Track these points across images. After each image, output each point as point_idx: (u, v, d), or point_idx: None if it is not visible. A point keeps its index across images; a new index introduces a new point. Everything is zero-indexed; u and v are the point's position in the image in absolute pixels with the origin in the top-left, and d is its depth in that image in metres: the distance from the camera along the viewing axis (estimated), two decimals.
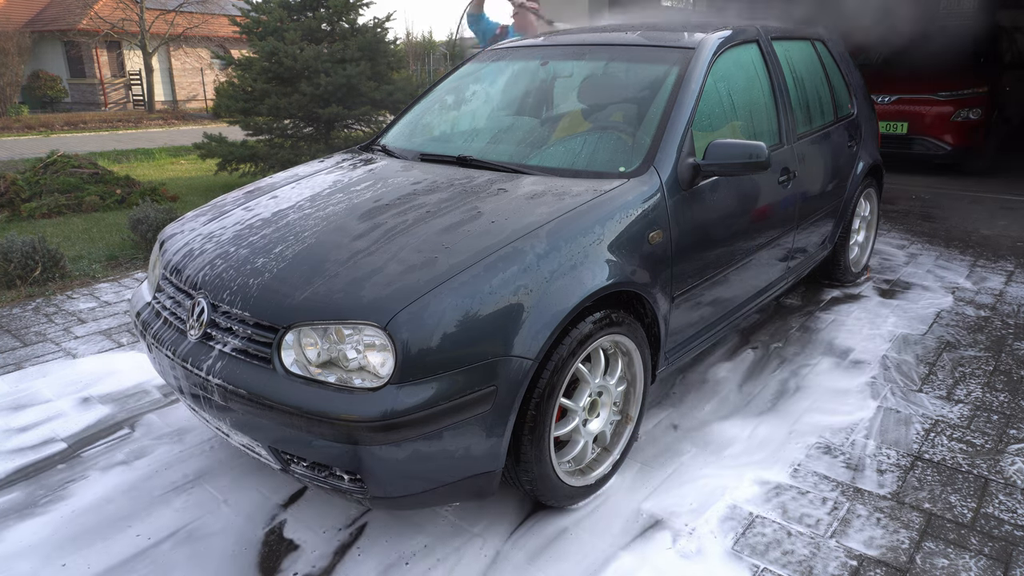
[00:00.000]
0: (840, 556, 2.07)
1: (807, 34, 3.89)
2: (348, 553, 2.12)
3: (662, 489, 2.39)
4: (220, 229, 2.42)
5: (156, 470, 2.52)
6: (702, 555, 2.08)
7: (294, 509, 2.31)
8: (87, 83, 26.03)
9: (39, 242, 4.42)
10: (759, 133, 3.12)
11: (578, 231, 2.16)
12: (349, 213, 2.34)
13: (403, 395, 1.77)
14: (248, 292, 2.01)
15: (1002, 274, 4.54)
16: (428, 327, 1.81)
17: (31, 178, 6.82)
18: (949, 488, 2.39)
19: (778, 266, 3.32)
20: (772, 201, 3.10)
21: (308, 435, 1.83)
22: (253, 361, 1.92)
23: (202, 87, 27.69)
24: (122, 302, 4.18)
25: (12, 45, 19.76)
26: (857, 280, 4.40)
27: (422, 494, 1.93)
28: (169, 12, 23.90)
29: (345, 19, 7.83)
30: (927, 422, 2.79)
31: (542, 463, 2.09)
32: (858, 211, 4.24)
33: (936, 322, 3.77)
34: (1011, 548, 2.10)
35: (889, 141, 7.28)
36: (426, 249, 2.04)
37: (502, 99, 3.37)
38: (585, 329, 2.10)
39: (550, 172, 2.58)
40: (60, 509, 2.32)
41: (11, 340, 3.63)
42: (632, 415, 2.47)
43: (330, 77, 7.20)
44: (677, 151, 2.54)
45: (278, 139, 7.68)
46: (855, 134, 4.03)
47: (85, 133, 16.64)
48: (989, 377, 3.17)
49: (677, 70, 2.78)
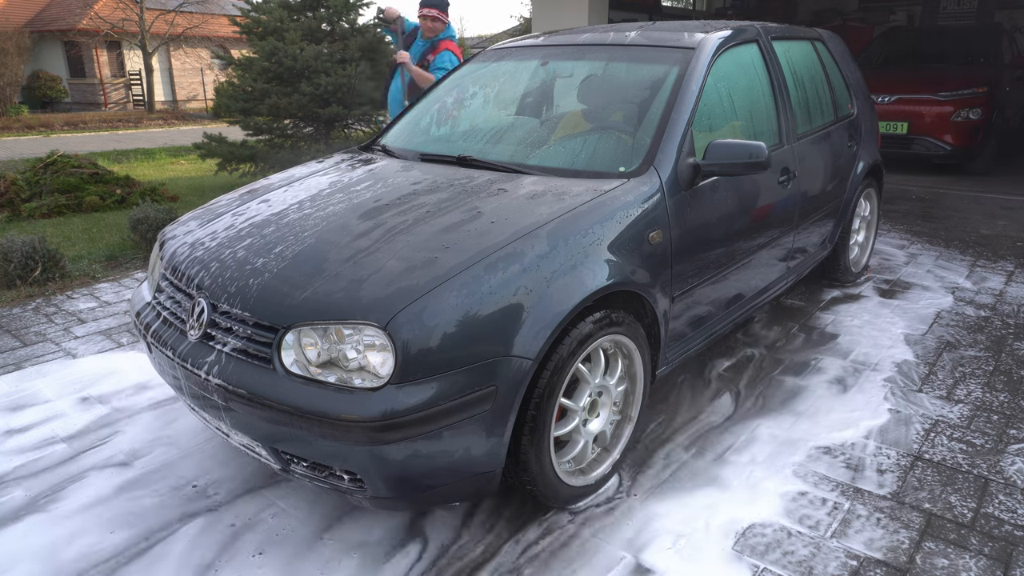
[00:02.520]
0: (840, 556, 2.07)
1: (807, 34, 3.90)
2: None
3: (662, 489, 2.39)
4: (220, 229, 2.42)
5: (155, 470, 2.52)
6: (702, 555, 2.08)
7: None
8: (87, 83, 26.03)
9: (39, 242, 4.42)
10: (759, 133, 3.12)
11: (578, 231, 2.16)
12: (349, 213, 2.33)
13: (403, 395, 1.77)
14: (248, 292, 2.01)
15: (1002, 274, 4.54)
16: (428, 327, 1.81)
17: (31, 178, 6.82)
18: (949, 488, 2.38)
19: (778, 266, 3.32)
20: (772, 201, 3.10)
21: (308, 435, 1.83)
22: (253, 361, 1.92)
23: (202, 87, 27.71)
24: (122, 302, 4.18)
25: (12, 45, 19.77)
26: (857, 280, 4.40)
27: (422, 494, 1.93)
28: (169, 12, 23.92)
29: (345, 19, 7.83)
30: (927, 422, 2.79)
31: (542, 463, 2.09)
32: (858, 211, 4.24)
33: (936, 322, 3.77)
34: (1011, 548, 2.10)
35: (889, 141, 7.28)
36: (426, 249, 2.04)
37: (502, 99, 3.37)
38: (585, 329, 2.10)
39: (550, 172, 2.58)
40: (59, 509, 2.32)
41: (11, 340, 3.63)
42: (632, 415, 2.46)
43: (330, 77, 7.20)
44: (677, 151, 2.54)
45: (278, 139, 7.68)
46: (855, 134, 4.03)
47: (85, 133, 16.65)
48: (989, 377, 3.17)
49: (677, 70, 2.78)
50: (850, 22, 11.18)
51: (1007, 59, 8.12)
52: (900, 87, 7.46)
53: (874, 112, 4.44)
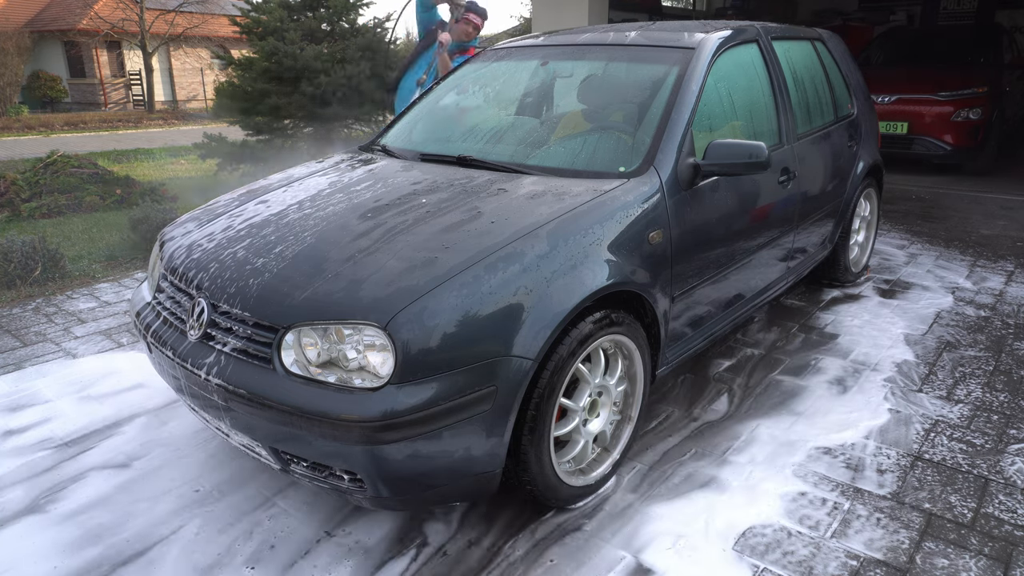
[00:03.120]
0: (840, 556, 2.07)
1: (807, 34, 3.90)
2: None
3: (662, 489, 2.39)
4: (220, 229, 2.42)
5: (155, 471, 2.52)
6: (702, 555, 2.08)
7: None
8: (87, 83, 26.03)
9: (39, 242, 4.42)
10: (759, 133, 3.12)
11: (578, 231, 2.16)
12: (349, 213, 2.33)
13: (403, 395, 1.77)
14: (248, 292, 2.01)
15: (1002, 274, 4.54)
16: (428, 327, 1.81)
17: (31, 178, 6.82)
18: (949, 488, 2.38)
19: (778, 266, 3.32)
20: (772, 201, 3.10)
21: (308, 435, 1.83)
22: (253, 361, 1.92)
23: (202, 87, 27.70)
24: (122, 302, 4.18)
25: (12, 45, 19.76)
26: (857, 280, 4.40)
27: (422, 494, 1.93)
28: (169, 12, 23.91)
29: (345, 19, 7.83)
30: (927, 422, 2.79)
31: (542, 463, 2.09)
32: (858, 211, 4.23)
33: (936, 322, 3.77)
34: (1011, 548, 2.10)
35: (889, 141, 7.28)
36: (426, 249, 2.04)
37: (502, 99, 3.37)
38: (585, 329, 2.10)
39: (550, 172, 2.58)
40: (59, 509, 2.31)
41: (11, 340, 3.63)
42: (632, 415, 2.46)
43: (330, 77, 7.20)
44: (677, 151, 2.54)
45: (278, 139, 7.68)
46: (855, 134, 4.03)
47: (85, 133, 16.65)
48: (989, 377, 3.17)
49: (677, 70, 2.78)
50: (850, 22, 11.18)
51: (1007, 59, 8.12)
52: (900, 87, 7.46)
53: (874, 112, 4.44)
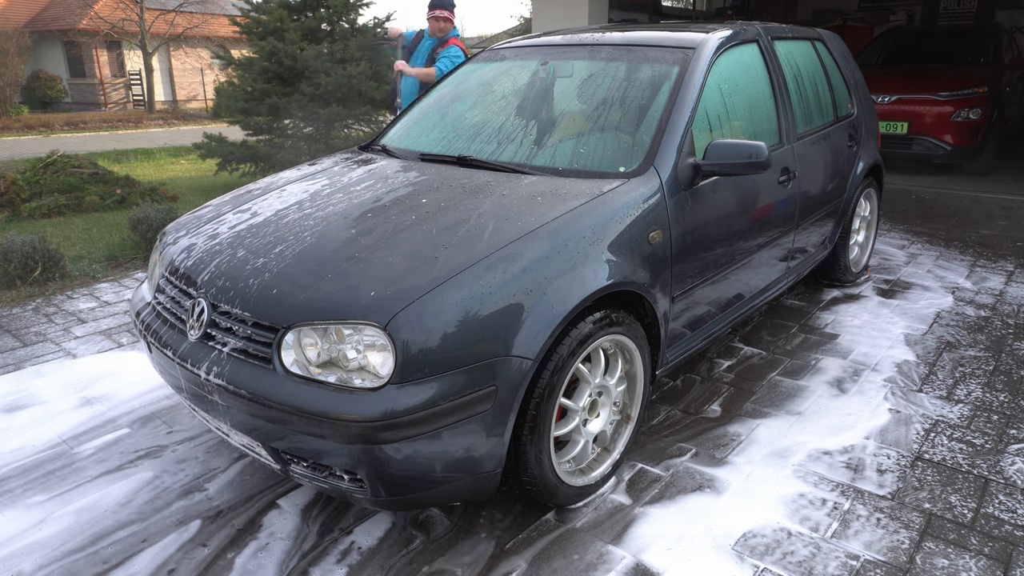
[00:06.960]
0: (840, 556, 2.07)
1: (807, 34, 3.89)
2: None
3: (662, 490, 2.39)
4: (220, 229, 2.42)
5: (154, 471, 2.52)
6: (702, 555, 2.08)
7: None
8: (87, 83, 26.03)
9: (39, 242, 4.42)
10: (759, 133, 3.12)
11: (578, 231, 2.16)
12: (349, 213, 2.33)
13: (403, 395, 1.77)
14: (248, 292, 2.01)
15: (1002, 274, 4.54)
16: (428, 327, 1.81)
17: (31, 178, 6.82)
18: (949, 488, 2.38)
19: (778, 266, 3.32)
20: (772, 201, 3.10)
21: (308, 435, 1.83)
22: (253, 361, 1.92)
23: (202, 87, 27.70)
24: (122, 302, 4.18)
25: (12, 45, 19.76)
26: (857, 280, 4.40)
27: (422, 494, 1.93)
28: (169, 12, 23.92)
29: (345, 19, 7.83)
30: (927, 422, 2.79)
31: (542, 463, 2.09)
32: (858, 211, 4.24)
33: (936, 322, 3.77)
34: (1011, 548, 2.10)
35: (889, 141, 7.29)
36: (426, 249, 2.03)
37: (502, 99, 3.36)
38: (585, 329, 2.10)
39: (550, 172, 2.58)
40: (58, 509, 2.32)
41: (11, 340, 3.63)
42: (632, 415, 2.46)
43: (330, 77, 7.20)
44: (677, 151, 2.54)
45: (278, 139, 7.68)
46: (855, 134, 4.03)
47: (85, 133, 16.65)
48: (989, 377, 3.17)
49: (677, 70, 2.79)
50: (850, 22, 11.18)
51: (1007, 59, 8.13)
52: (900, 87, 7.47)
53: (874, 112, 4.44)
